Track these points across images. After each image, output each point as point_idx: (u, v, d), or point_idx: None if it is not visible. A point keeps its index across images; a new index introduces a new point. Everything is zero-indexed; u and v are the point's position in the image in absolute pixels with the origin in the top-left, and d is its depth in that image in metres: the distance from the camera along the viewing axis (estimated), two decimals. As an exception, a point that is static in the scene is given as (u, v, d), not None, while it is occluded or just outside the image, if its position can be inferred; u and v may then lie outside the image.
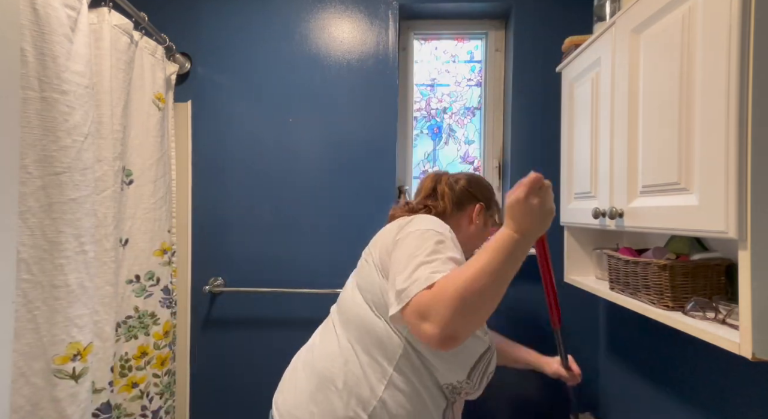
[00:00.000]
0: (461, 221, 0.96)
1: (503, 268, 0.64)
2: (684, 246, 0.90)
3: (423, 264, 0.67)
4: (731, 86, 0.60)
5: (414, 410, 0.76)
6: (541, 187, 0.65)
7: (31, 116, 0.80)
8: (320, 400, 0.75)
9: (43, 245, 0.81)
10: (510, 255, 0.65)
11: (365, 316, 0.80)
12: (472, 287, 0.61)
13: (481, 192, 0.99)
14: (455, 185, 0.97)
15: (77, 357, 0.86)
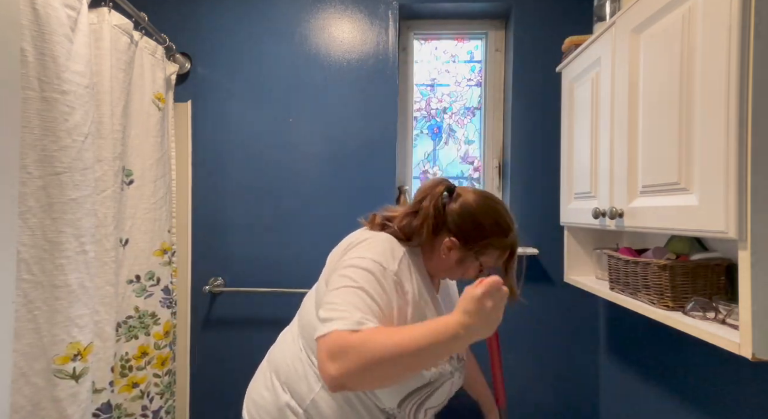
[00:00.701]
0: (435, 247, 0.82)
1: (434, 353, 0.63)
2: (684, 246, 0.90)
3: (353, 304, 0.65)
4: (731, 86, 0.60)
5: (345, 415, 0.77)
6: (498, 291, 0.63)
7: (32, 116, 0.80)
8: (269, 387, 0.82)
9: (43, 245, 0.81)
10: (446, 345, 0.62)
11: (314, 324, 0.75)
12: (393, 357, 0.59)
13: (465, 225, 0.80)
14: (442, 207, 0.81)
15: (78, 357, 0.86)
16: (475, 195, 0.83)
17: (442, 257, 0.82)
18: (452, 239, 0.80)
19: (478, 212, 0.81)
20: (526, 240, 1.44)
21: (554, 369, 1.44)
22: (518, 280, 1.52)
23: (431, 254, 0.83)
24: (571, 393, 1.44)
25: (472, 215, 0.81)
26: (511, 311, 1.44)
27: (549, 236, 1.42)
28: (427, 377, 0.76)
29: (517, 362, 1.45)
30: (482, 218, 0.81)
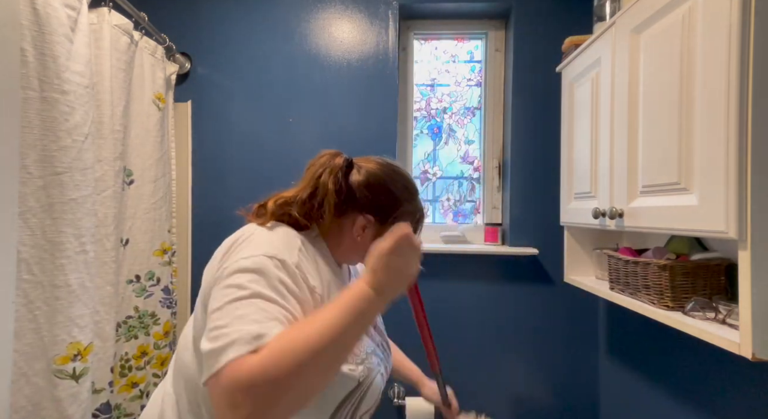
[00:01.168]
0: (343, 230, 0.70)
1: (354, 331, 0.52)
2: (684, 246, 0.90)
3: (245, 319, 0.49)
4: (731, 86, 0.60)
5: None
6: (409, 243, 0.57)
7: (32, 116, 0.80)
8: None
9: (43, 245, 0.81)
10: (363, 315, 0.52)
11: (193, 366, 0.61)
12: (311, 359, 0.46)
13: (378, 197, 0.71)
14: (343, 180, 0.70)
15: (78, 357, 0.86)
16: (377, 163, 0.74)
17: (355, 240, 0.70)
18: (367, 217, 0.70)
19: (387, 180, 0.72)
20: (526, 240, 1.44)
21: (554, 369, 1.44)
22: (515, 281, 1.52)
23: (339, 238, 0.71)
24: (571, 393, 1.44)
25: (383, 185, 0.72)
26: (512, 311, 1.44)
27: (549, 236, 1.42)
28: (356, 378, 0.63)
29: (517, 362, 1.45)
30: (393, 185, 0.73)
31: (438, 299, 1.46)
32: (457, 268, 1.46)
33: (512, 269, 1.45)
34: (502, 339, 1.46)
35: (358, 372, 0.64)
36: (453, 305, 1.46)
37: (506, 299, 1.46)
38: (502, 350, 1.46)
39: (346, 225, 0.70)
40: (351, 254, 0.73)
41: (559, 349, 1.44)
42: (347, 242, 0.71)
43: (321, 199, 0.68)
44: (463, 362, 1.46)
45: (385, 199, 0.71)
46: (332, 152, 0.74)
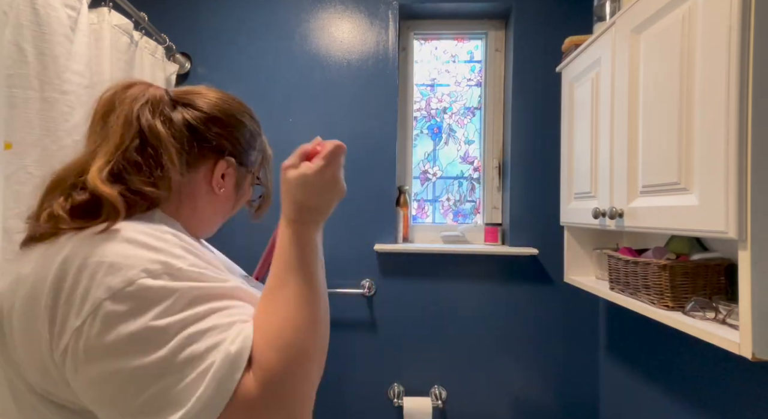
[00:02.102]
0: (196, 187, 0.53)
1: (319, 276, 0.45)
2: (684, 246, 0.90)
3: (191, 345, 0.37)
4: (731, 86, 0.60)
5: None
6: (340, 155, 0.49)
7: (32, 116, 0.80)
8: None
9: None
10: (315, 254, 0.46)
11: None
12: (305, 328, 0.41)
13: (230, 131, 0.55)
14: (174, 117, 0.52)
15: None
16: (212, 90, 0.57)
17: (215, 195, 0.55)
18: (228, 159, 0.55)
19: (236, 109, 0.57)
20: (526, 240, 1.44)
21: (554, 369, 1.44)
22: (515, 281, 1.52)
23: (192, 202, 0.53)
24: (571, 393, 1.44)
25: (234, 116, 0.56)
26: (512, 312, 1.44)
27: (549, 236, 1.42)
28: None
29: (517, 362, 1.45)
30: (243, 115, 0.58)
31: (438, 299, 1.46)
32: (457, 268, 1.46)
33: (512, 269, 1.45)
34: (502, 339, 1.46)
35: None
36: (453, 305, 1.46)
37: (506, 299, 1.46)
38: (502, 350, 1.46)
39: (199, 179, 0.53)
40: (211, 218, 0.57)
41: (559, 349, 1.44)
42: (204, 202, 0.55)
43: (156, 151, 0.47)
44: (464, 362, 1.46)
45: (240, 133, 0.56)
46: (135, 79, 0.54)
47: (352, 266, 1.46)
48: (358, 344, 1.45)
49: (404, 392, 1.45)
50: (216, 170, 0.54)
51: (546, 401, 1.45)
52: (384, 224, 1.47)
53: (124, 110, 0.48)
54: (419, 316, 1.46)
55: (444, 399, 1.44)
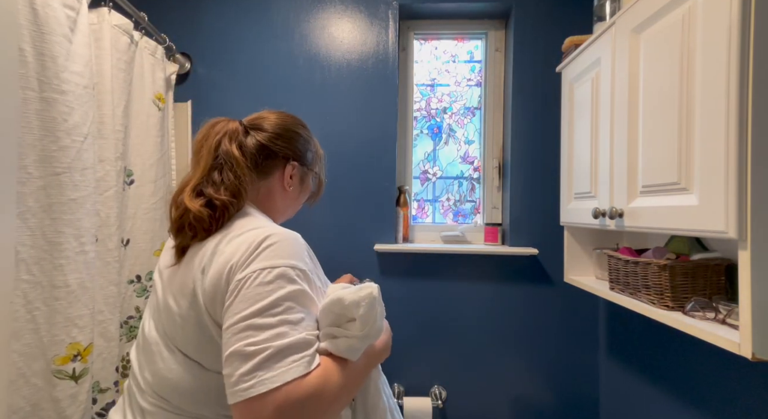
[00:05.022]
0: (272, 189, 0.72)
1: (367, 374, 0.67)
2: (684, 246, 0.90)
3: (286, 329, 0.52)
4: (731, 86, 0.60)
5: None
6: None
7: (31, 117, 0.80)
8: None
9: (43, 246, 0.81)
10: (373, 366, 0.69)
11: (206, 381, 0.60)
12: (343, 398, 0.56)
13: (291, 142, 0.74)
14: (248, 141, 0.71)
15: (77, 357, 0.86)
16: (273, 113, 0.77)
17: (286, 192, 0.74)
18: (292, 163, 0.74)
19: (291, 124, 0.77)
20: (526, 240, 1.44)
21: (554, 369, 1.44)
22: (515, 281, 1.52)
23: (271, 200, 0.72)
24: (571, 393, 1.44)
25: (291, 129, 0.76)
26: (512, 312, 1.44)
27: (549, 236, 1.42)
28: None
29: (517, 362, 1.45)
30: (297, 128, 0.78)
31: (438, 300, 1.46)
32: (457, 268, 1.46)
33: (512, 269, 1.45)
34: (502, 339, 1.46)
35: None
36: (453, 305, 1.46)
37: (506, 299, 1.46)
38: (503, 350, 1.45)
39: (274, 182, 0.73)
40: (287, 209, 0.76)
41: (560, 349, 1.44)
42: (279, 199, 0.74)
43: (232, 168, 0.66)
44: (463, 362, 1.46)
45: (298, 142, 0.76)
46: (221, 118, 0.74)
47: (352, 266, 1.46)
48: (358, 344, 1.45)
49: (404, 392, 1.45)
50: (286, 173, 0.74)
51: (546, 401, 1.45)
52: (384, 224, 1.47)
53: (209, 143, 0.69)
54: (419, 316, 1.46)
55: (444, 399, 1.44)
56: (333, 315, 0.59)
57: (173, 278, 0.63)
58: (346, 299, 0.58)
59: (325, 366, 0.55)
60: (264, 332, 0.51)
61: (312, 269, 0.62)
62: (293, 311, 0.54)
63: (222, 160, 0.67)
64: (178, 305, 0.60)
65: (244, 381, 0.49)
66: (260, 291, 0.53)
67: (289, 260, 0.57)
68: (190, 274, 0.60)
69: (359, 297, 0.58)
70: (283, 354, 0.51)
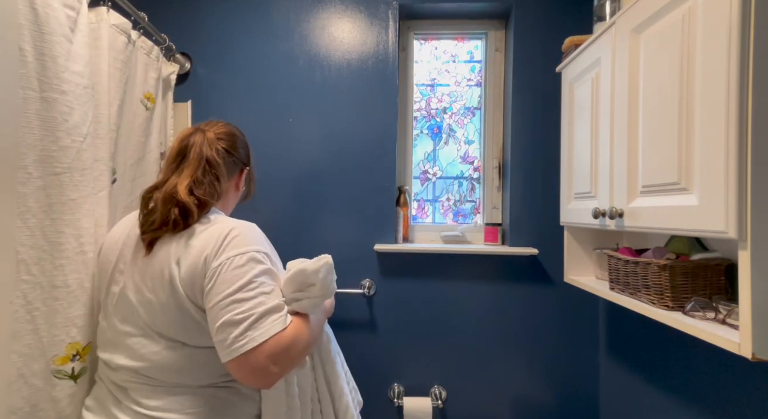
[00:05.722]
0: (228, 189, 0.87)
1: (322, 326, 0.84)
2: (684, 246, 0.90)
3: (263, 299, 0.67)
4: (731, 86, 0.60)
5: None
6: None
7: (31, 116, 0.79)
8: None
9: (43, 246, 0.81)
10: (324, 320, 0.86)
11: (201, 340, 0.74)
12: (310, 345, 0.75)
13: (246, 150, 0.92)
14: (219, 148, 0.84)
15: (77, 356, 0.86)
16: (222, 124, 0.90)
17: (238, 191, 0.90)
18: (248, 168, 0.92)
19: (239, 132, 0.92)
20: (526, 240, 1.44)
21: (554, 369, 1.44)
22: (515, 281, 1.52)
23: (227, 198, 0.87)
24: (571, 393, 1.44)
25: (240, 138, 0.91)
26: (512, 311, 1.44)
27: (549, 236, 1.42)
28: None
29: (517, 362, 1.45)
30: (243, 136, 0.93)
31: (438, 300, 1.46)
32: (457, 268, 1.46)
33: (512, 269, 1.45)
34: (502, 339, 1.46)
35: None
36: (453, 305, 1.46)
37: (506, 299, 1.46)
38: (502, 350, 1.45)
39: (230, 184, 0.87)
40: (233, 206, 0.91)
41: (559, 349, 1.44)
42: (232, 198, 0.89)
43: (214, 172, 0.80)
44: (464, 362, 1.46)
45: (245, 149, 0.92)
46: (196, 127, 0.86)
47: (352, 266, 1.46)
48: (358, 344, 1.45)
49: (404, 392, 1.45)
50: (243, 175, 0.90)
51: (546, 401, 1.45)
52: (384, 224, 1.47)
53: (196, 149, 0.80)
54: (419, 316, 1.46)
55: (444, 399, 1.44)
56: (296, 283, 0.74)
57: (144, 271, 0.73)
58: (308, 269, 0.73)
59: (296, 321, 0.71)
60: (247, 303, 0.65)
61: (271, 253, 0.76)
62: (266, 285, 0.69)
63: (207, 165, 0.80)
64: (157, 295, 0.70)
65: (238, 341, 0.63)
66: (237, 273, 0.67)
67: (253, 246, 0.71)
68: (162, 266, 0.71)
69: (318, 266, 0.73)
70: (265, 316, 0.66)
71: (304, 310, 0.74)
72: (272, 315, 0.66)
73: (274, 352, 0.64)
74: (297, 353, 0.69)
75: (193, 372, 0.72)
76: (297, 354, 0.69)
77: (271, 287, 0.69)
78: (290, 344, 0.67)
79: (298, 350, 0.70)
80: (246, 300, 0.65)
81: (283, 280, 0.75)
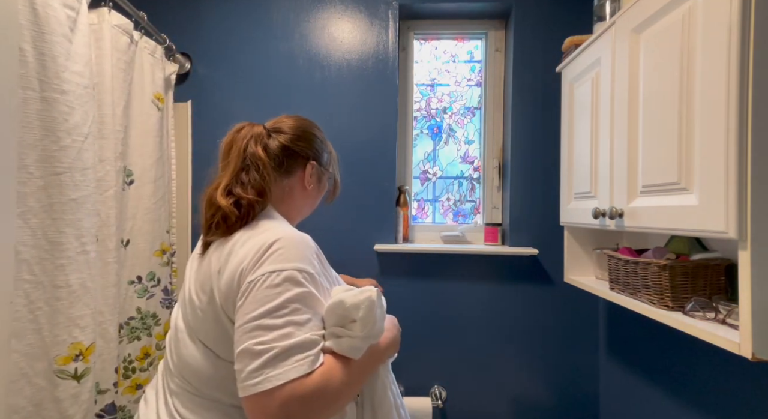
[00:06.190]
0: (293, 187, 0.77)
1: (370, 373, 0.68)
2: (684, 246, 0.90)
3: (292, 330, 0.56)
4: (731, 86, 0.60)
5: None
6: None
7: (32, 116, 0.80)
8: None
9: (44, 246, 0.81)
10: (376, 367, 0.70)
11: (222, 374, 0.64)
12: (347, 396, 0.61)
13: (310, 143, 0.79)
14: (271, 143, 0.75)
15: (79, 357, 0.86)
16: (291, 117, 0.81)
17: (306, 191, 0.79)
18: (312, 163, 0.78)
19: (309, 127, 0.81)
20: (526, 240, 1.44)
21: (554, 369, 1.45)
22: (515, 281, 1.52)
23: (291, 199, 0.78)
24: (571, 393, 1.44)
25: (310, 131, 0.80)
26: (512, 311, 1.44)
27: (549, 236, 1.42)
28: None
29: (518, 362, 1.45)
30: (314, 130, 0.82)
31: (438, 300, 1.46)
32: (457, 268, 1.46)
33: (512, 269, 1.45)
34: (501, 339, 1.46)
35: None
36: (453, 305, 1.46)
37: (506, 299, 1.46)
38: (502, 350, 1.46)
39: (295, 181, 0.78)
40: (304, 207, 0.82)
41: (559, 349, 1.44)
42: (299, 197, 0.79)
43: (259, 169, 0.72)
44: (464, 362, 1.46)
45: (316, 143, 0.80)
46: (245, 123, 0.79)
47: (352, 266, 1.46)
48: (358, 344, 1.45)
49: (404, 392, 1.45)
50: (306, 172, 0.78)
51: (546, 401, 1.45)
52: (384, 224, 1.47)
53: (238, 146, 0.74)
54: (419, 316, 1.46)
55: (444, 399, 1.44)
56: (336, 316, 0.62)
57: (198, 272, 0.68)
58: (347, 302, 0.61)
59: (329, 364, 0.58)
60: (271, 332, 0.55)
61: (320, 271, 0.65)
62: (299, 313, 0.58)
63: (249, 162, 0.72)
64: (200, 299, 0.65)
65: (252, 377, 0.54)
66: (268, 293, 0.57)
67: (296, 263, 0.60)
68: (209, 272, 0.65)
69: (359, 301, 0.61)
70: (288, 353, 0.55)
71: (342, 352, 0.60)
72: (298, 353, 0.55)
73: (290, 401, 0.53)
74: (322, 405, 0.56)
75: (223, 386, 0.64)
76: (322, 406, 0.56)
77: (305, 318, 0.58)
78: (314, 393, 0.54)
79: (326, 401, 0.56)
80: (271, 329, 0.55)
81: (324, 310, 0.63)
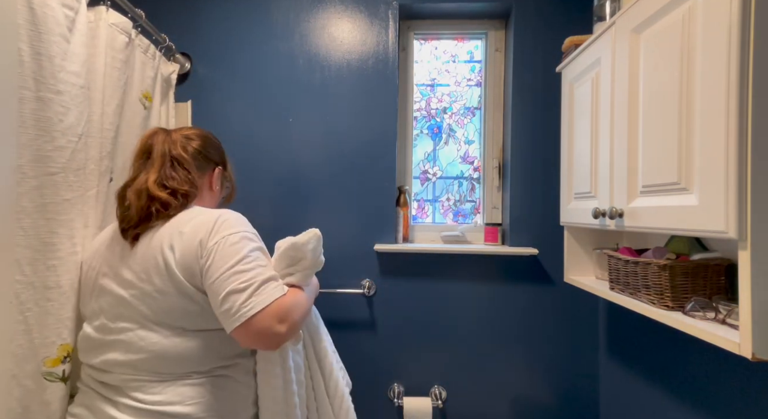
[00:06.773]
0: (202, 188, 0.91)
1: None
2: (684, 246, 0.90)
3: (261, 270, 0.73)
4: (731, 86, 0.60)
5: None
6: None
7: (27, 116, 0.79)
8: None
9: (36, 246, 0.80)
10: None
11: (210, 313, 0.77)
12: (307, 310, 0.83)
13: (218, 151, 0.96)
14: (188, 148, 0.89)
15: (67, 359, 0.84)
16: (194, 128, 0.96)
17: (213, 191, 0.93)
18: (219, 168, 0.95)
19: (213, 137, 0.97)
20: (526, 240, 1.44)
21: (554, 369, 1.44)
22: (515, 281, 1.52)
23: (201, 196, 0.90)
24: (571, 393, 1.44)
25: (215, 141, 0.96)
26: (512, 311, 1.44)
27: (549, 236, 1.42)
28: None
29: (517, 362, 1.45)
30: (217, 140, 0.98)
31: (438, 300, 1.46)
32: (457, 268, 1.46)
33: (512, 269, 1.45)
34: (502, 339, 1.46)
35: None
36: (453, 305, 1.46)
37: (506, 299, 1.45)
38: (503, 350, 1.45)
39: (205, 182, 0.91)
40: (209, 204, 0.92)
41: (559, 349, 1.44)
42: (207, 196, 0.92)
43: (183, 167, 0.85)
44: (463, 362, 1.45)
45: (218, 150, 0.97)
46: (158, 128, 0.92)
47: (352, 266, 1.46)
48: (358, 344, 1.45)
49: (404, 392, 1.44)
50: (215, 175, 0.93)
51: (546, 401, 1.44)
52: (384, 224, 1.47)
53: (159, 148, 0.86)
54: (419, 316, 1.46)
55: (444, 399, 1.44)
56: (287, 258, 0.82)
57: (133, 265, 0.75)
58: (299, 242, 0.81)
59: (292, 290, 0.78)
60: (247, 273, 0.70)
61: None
62: (261, 259, 0.75)
63: (174, 161, 0.85)
64: (153, 284, 0.73)
65: (244, 306, 0.68)
66: (233, 249, 0.72)
67: (244, 227, 0.77)
68: (155, 254, 0.74)
69: (308, 237, 0.83)
70: (266, 283, 0.72)
71: (297, 282, 0.81)
72: (272, 282, 0.73)
73: (278, 312, 0.70)
74: (298, 316, 0.75)
75: (194, 358, 0.75)
76: (298, 317, 0.75)
77: (265, 262, 0.76)
78: (291, 307, 0.73)
79: (299, 314, 0.76)
80: (246, 271, 0.70)
81: (273, 260, 0.82)
